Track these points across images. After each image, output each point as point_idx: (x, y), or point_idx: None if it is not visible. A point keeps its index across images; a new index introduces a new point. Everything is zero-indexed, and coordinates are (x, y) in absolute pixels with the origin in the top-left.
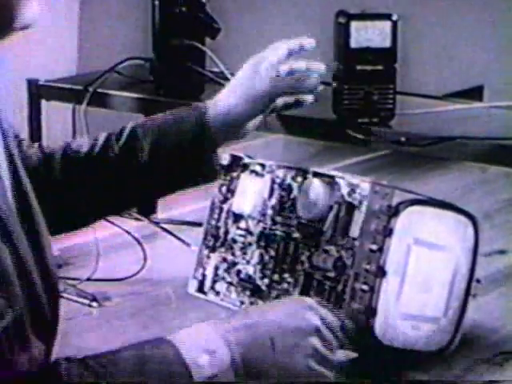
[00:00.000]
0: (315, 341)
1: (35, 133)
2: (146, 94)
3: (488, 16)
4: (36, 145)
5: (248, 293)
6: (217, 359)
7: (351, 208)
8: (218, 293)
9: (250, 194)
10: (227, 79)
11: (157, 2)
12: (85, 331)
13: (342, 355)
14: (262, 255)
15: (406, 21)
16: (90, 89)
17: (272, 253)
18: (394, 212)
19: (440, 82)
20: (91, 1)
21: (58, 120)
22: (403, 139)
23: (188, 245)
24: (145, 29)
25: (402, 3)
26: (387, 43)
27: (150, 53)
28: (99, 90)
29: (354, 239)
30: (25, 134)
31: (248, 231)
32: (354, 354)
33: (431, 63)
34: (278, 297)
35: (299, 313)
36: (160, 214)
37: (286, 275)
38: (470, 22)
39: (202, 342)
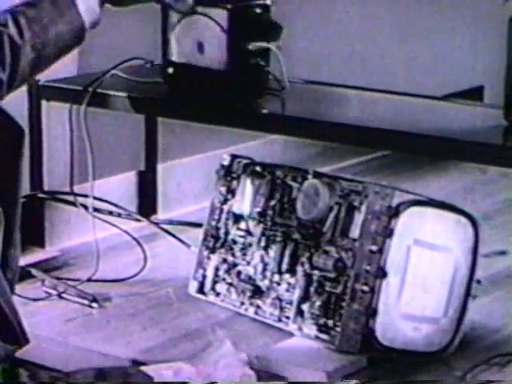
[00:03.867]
0: None
1: (35, 133)
2: (145, 94)
3: (488, 15)
4: None
5: (248, 294)
6: (182, 373)
7: (351, 209)
8: (218, 294)
9: (250, 195)
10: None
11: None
12: (85, 332)
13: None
14: (262, 256)
15: (407, 20)
16: (90, 89)
17: (272, 254)
18: (394, 213)
19: (440, 82)
20: None
21: (58, 120)
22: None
23: (188, 246)
24: (146, 29)
25: (402, 3)
26: None
27: (152, 53)
28: (99, 91)
29: (354, 240)
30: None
31: (248, 232)
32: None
33: (431, 63)
34: (277, 298)
35: None
36: (160, 215)
37: (287, 276)
38: (471, 21)
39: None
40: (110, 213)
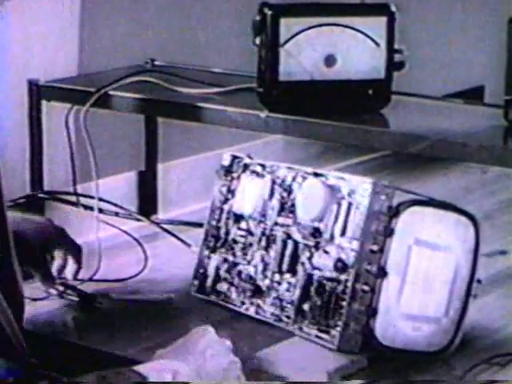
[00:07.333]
0: None
1: (35, 133)
2: (146, 94)
3: (488, 15)
4: None
5: (249, 293)
6: (180, 375)
7: (352, 209)
8: (218, 293)
9: (251, 195)
10: None
11: None
12: (86, 331)
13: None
14: (262, 256)
15: (406, 19)
16: (98, 91)
17: (273, 253)
18: (395, 212)
19: (440, 82)
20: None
21: (58, 120)
22: None
23: (189, 245)
24: (151, 29)
25: (402, 1)
26: None
27: (152, 55)
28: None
29: (355, 240)
30: (25, 134)
31: (249, 232)
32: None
33: (431, 63)
34: (277, 297)
35: None
36: (161, 215)
37: (287, 276)
38: (471, 21)
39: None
40: (111, 213)
